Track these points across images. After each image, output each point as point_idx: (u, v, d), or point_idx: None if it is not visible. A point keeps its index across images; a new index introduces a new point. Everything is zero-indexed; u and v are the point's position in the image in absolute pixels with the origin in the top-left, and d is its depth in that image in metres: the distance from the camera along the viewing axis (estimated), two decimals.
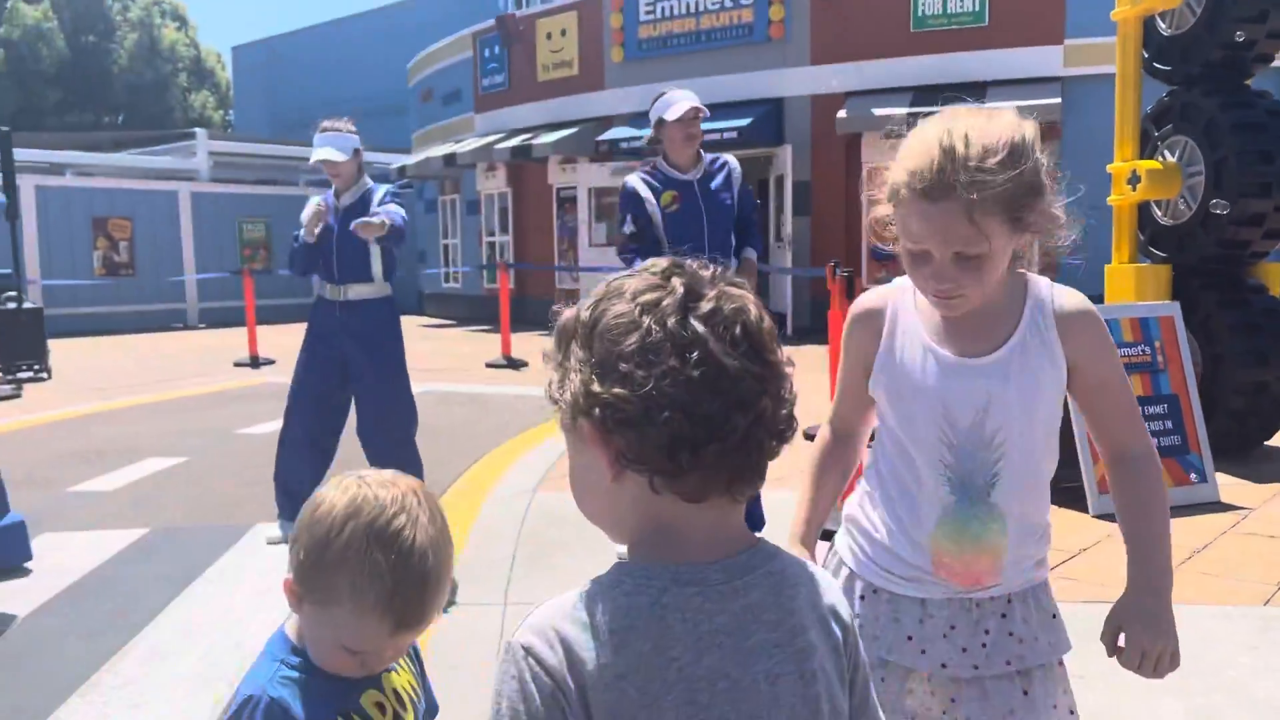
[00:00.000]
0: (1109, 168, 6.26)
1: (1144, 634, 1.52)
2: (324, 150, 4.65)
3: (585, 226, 17.35)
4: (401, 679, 1.41)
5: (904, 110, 14.07)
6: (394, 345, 4.95)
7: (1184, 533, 4.63)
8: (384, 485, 1.31)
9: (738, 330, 0.92)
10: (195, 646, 3.58)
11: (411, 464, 4.97)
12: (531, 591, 4.02)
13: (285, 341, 14.84)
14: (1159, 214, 6.31)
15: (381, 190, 4.89)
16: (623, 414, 0.90)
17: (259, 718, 1.25)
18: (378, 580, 1.23)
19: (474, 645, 3.53)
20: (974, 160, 1.43)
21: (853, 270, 5.04)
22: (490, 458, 6.72)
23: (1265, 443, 6.10)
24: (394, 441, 4.94)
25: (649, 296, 0.93)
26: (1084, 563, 4.25)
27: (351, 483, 1.31)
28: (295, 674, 1.30)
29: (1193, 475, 5.16)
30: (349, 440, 5.02)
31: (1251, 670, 3.17)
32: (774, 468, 1.01)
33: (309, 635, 1.32)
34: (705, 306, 0.92)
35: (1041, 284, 1.61)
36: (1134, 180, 6.06)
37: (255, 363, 12.68)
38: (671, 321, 0.91)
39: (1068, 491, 5.02)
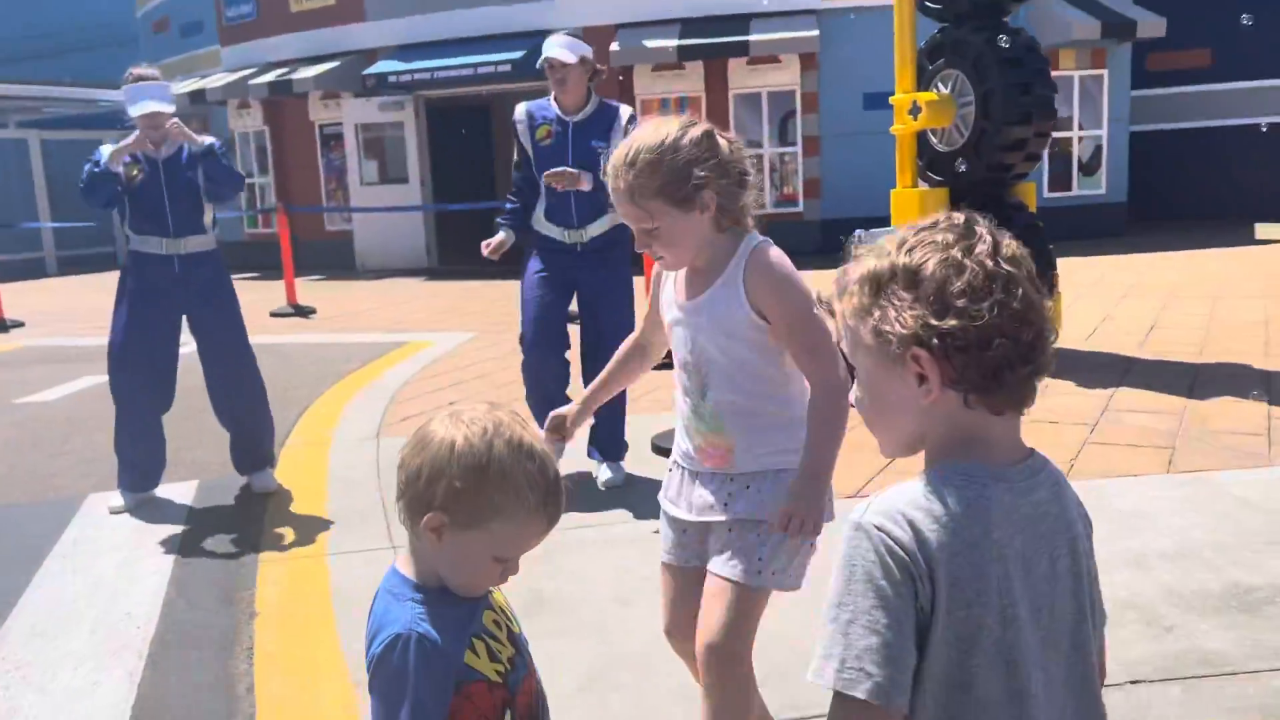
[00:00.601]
0: (891, 100, 6.81)
1: (792, 503, 1.98)
2: (149, 104, 4.40)
3: (355, 165, 16.77)
4: (499, 595, 1.54)
5: (673, 43, 14.45)
6: (234, 298, 4.80)
7: None
8: (489, 410, 1.44)
9: (1032, 269, 1.14)
10: (79, 623, 3.45)
11: (264, 421, 4.87)
12: None
13: (25, 302, 13.62)
14: (935, 141, 6.95)
15: (201, 141, 4.68)
16: (961, 342, 1.09)
17: (413, 652, 1.35)
18: (534, 487, 1.38)
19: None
20: (621, 163, 2.02)
21: None
22: (315, 409, 6.60)
23: None
24: (252, 397, 4.82)
25: (965, 244, 1.12)
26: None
27: (462, 414, 1.41)
28: (428, 609, 1.41)
29: None
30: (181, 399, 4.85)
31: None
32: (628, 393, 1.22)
33: (453, 560, 1.41)
34: (1006, 251, 1.13)
35: (750, 243, 2.08)
36: (914, 110, 6.63)
37: (4, 326, 11.59)
38: (989, 264, 1.11)
39: None
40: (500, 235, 4.67)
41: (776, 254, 2.09)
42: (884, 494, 1.15)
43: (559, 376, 4.79)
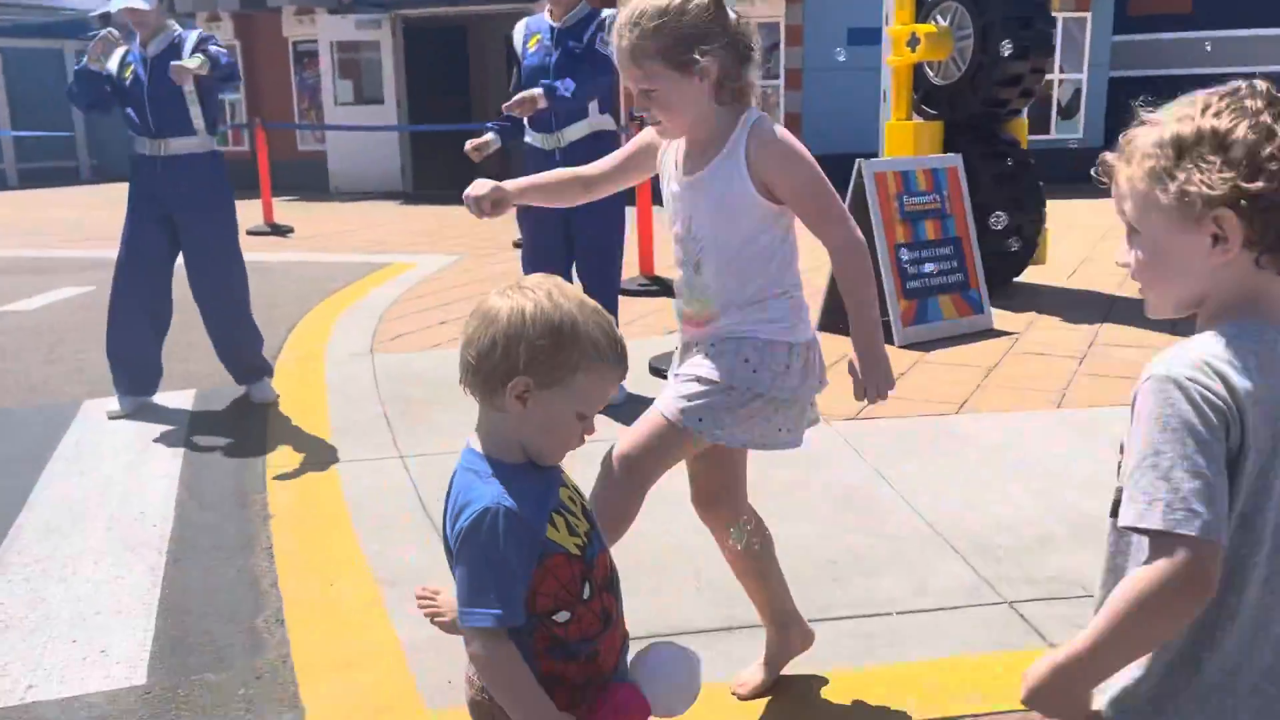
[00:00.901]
0: (888, 31, 6.79)
1: (863, 371, 2.08)
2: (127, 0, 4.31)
3: (330, 84, 16.43)
4: (567, 474, 1.58)
5: None
6: (225, 205, 4.74)
7: (977, 355, 5.38)
8: (544, 278, 1.48)
9: None
10: (93, 523, 3.46)
11: (250, 330, 4.85)
12: (424, 444, 4.13)
13: None
14: (931, 74, 6.95)
15: (193, 36, 4.59)
16: (1268, 203, 1.14)
17: (501, 524, 1.39)
18: (605, 338, 1.44)
19: (391, 497, 3.63)
20: (625, 23, 2.01)
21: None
22: (304, 326, 6.56)
23: (1015, 279, 7.03)
24: (234, 306, 4.79)
25: (1274, 110, 1.16)
26: (904, 385, 4.85)
27: (520, 284, 1.45)
28: (510, 484, 1.44)
29: (973, 307, 5.92)
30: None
31: (1066, 458, 3.85)
32: None
33: (540, 423, 1.44)
34: None
35: (751, 118, 2.07)
36: (913, 42, 6.62)
37: None
38: None
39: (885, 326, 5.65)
40: (487, 135, 4.59)
41: (775, 126, 2.09)
42: (1179, 350, 1.19)
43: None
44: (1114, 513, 1.25)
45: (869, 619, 2.72)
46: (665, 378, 2.30)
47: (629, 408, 4.56)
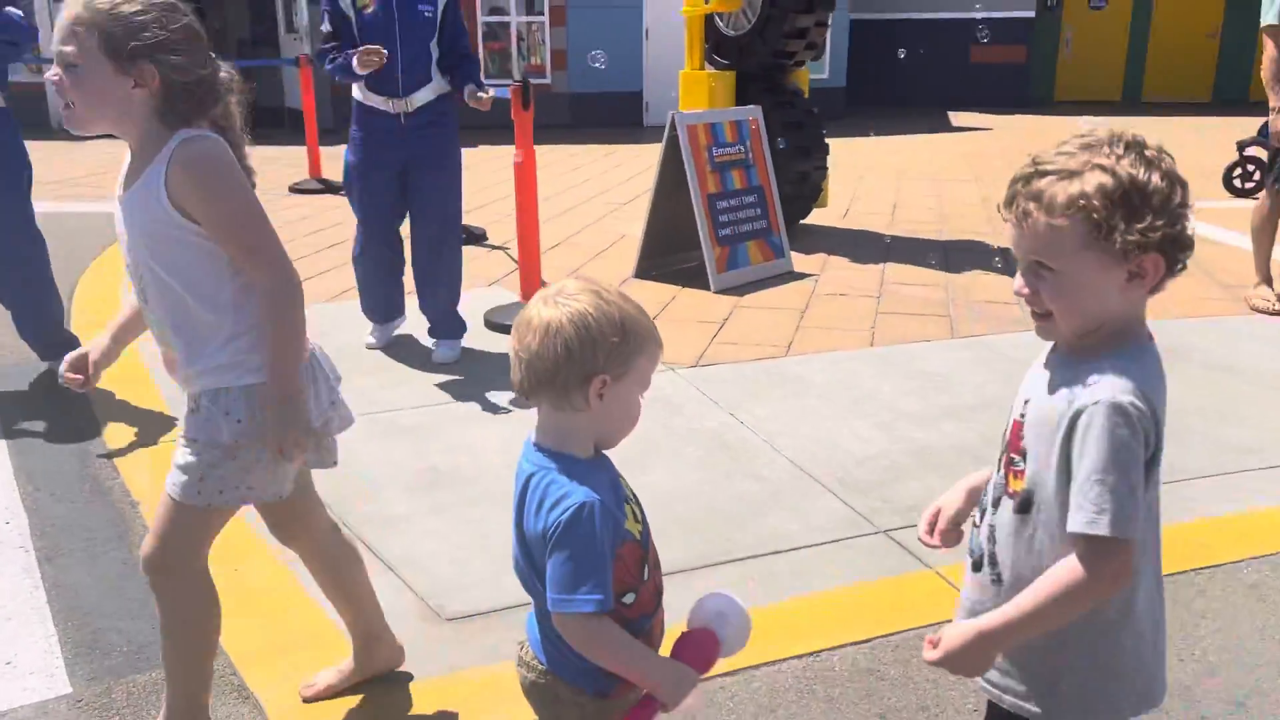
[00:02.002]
0: None
1: (270, 430, 1.96)
2: None
3: None
4: None
5: None
6: (13, 166, 4.33)
7: (786, 298, 5.77)
8: (570, 280, 1.58)
9: None
10: None
11: (55, 300, 4.54)
12: None
13: None
14: (722, 25, 7.23)
15: None
16: (1180, 243, 1.35)
17: (597, 517, 1.48)
18: (646, 320, 1.57)
19: None
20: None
21: None
22: (86, 291, 6.09)
23: (802, 220, 7.52)
24: (34, 274, 4.44)
25: (1161, 158, 1.34)
26: (731, 330, 5.17)
27: (559, 292, 1.54)
28: (592, 478, 1.53)
29: (776, 252, 6.32)
30: None
31: (892, 394, 4.28)
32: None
33: (616, 411, 1.54)
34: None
35: (182, 135, 1.91)
36: None
37: None
38: (1179, 176, 1.36)
39: (696, 272, 5.95)
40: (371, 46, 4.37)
41: (207, 148, 1.91)
42: (1113, 375, 1.36)
43: (393, 270, 4.82)
44: (1023, 509, 1.47)
45: (770, 558, 2.99)
46: (504, 332, 2.27)
47: (480, 367, 4.60)
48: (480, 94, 4.51)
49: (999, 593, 1.49)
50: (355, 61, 4.33)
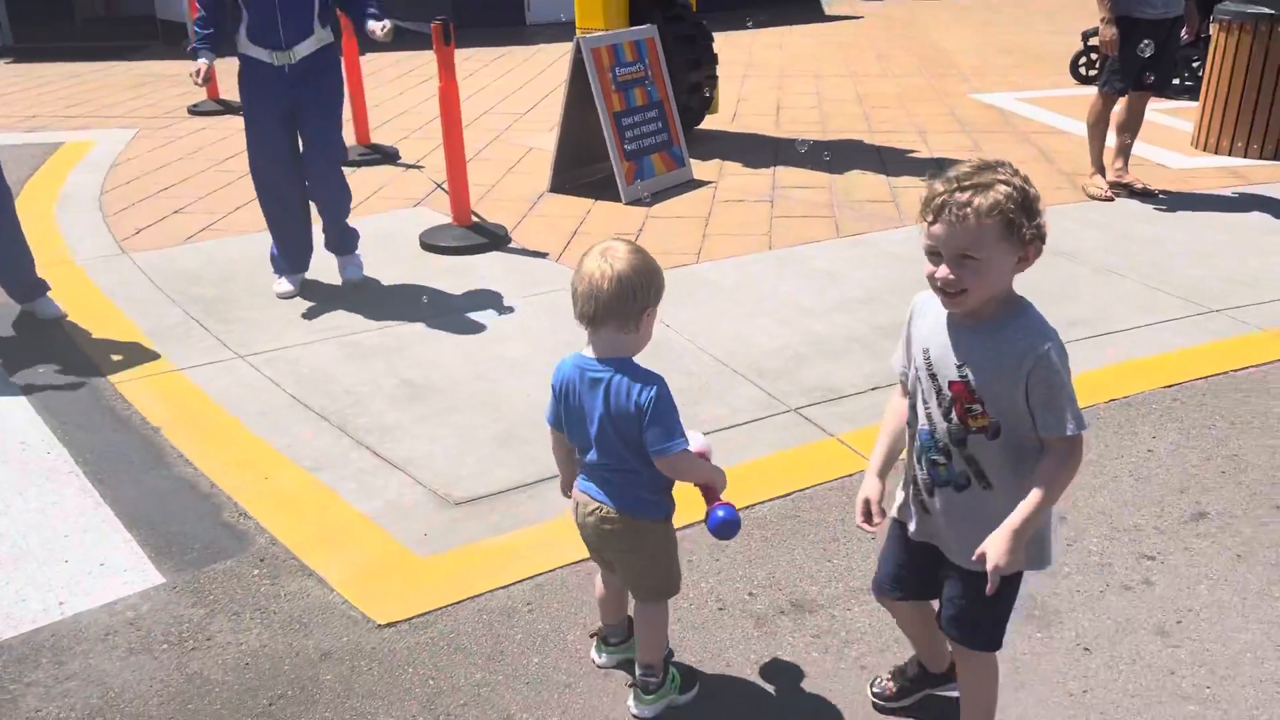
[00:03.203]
0: None
1: None
2: None
3: None
4: None
5: None
6: None
7: (690, 207, 6.41)
8: (611, 239, 2.23)
9: None
10: None
11: (22, 242, 4.86)
12: (255, 343, 4.50)
13: None
14: None
15: None
16: (1044, 237, 1.89)
17: (668, 391, 2.17)
18: (659, 265, 2.25)
19: (257, 395, 4.06)
20: None
21: None
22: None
23: (696, 128, 8.10)
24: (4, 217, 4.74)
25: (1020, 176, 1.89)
26: (646, 240, 5.79)
27: (607, 248, 2.16)
28: (647, 371, 2.22)
29: (677, 162, 6.91)
30: None
31: (791, 292, 5.00)
32: None
33: (649, 332, 2.20)
34: None
35: None
36: None
37: None
38: None
39: (603, 184, 6.52)
40: (201, 61, 4.70)
41: None
42: (1038, 325, 1.92)
43: (299, 215, 5.13)
44: (994, 435, 1.95)
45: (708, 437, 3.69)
46: (442, 253, 2.54)
47: (412, 288, 5.09)
48: (380, 24, 4.76)
49: (994, 493, 1.99)
50: (199, 72, 4.68)
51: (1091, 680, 2.55)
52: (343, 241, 5.28)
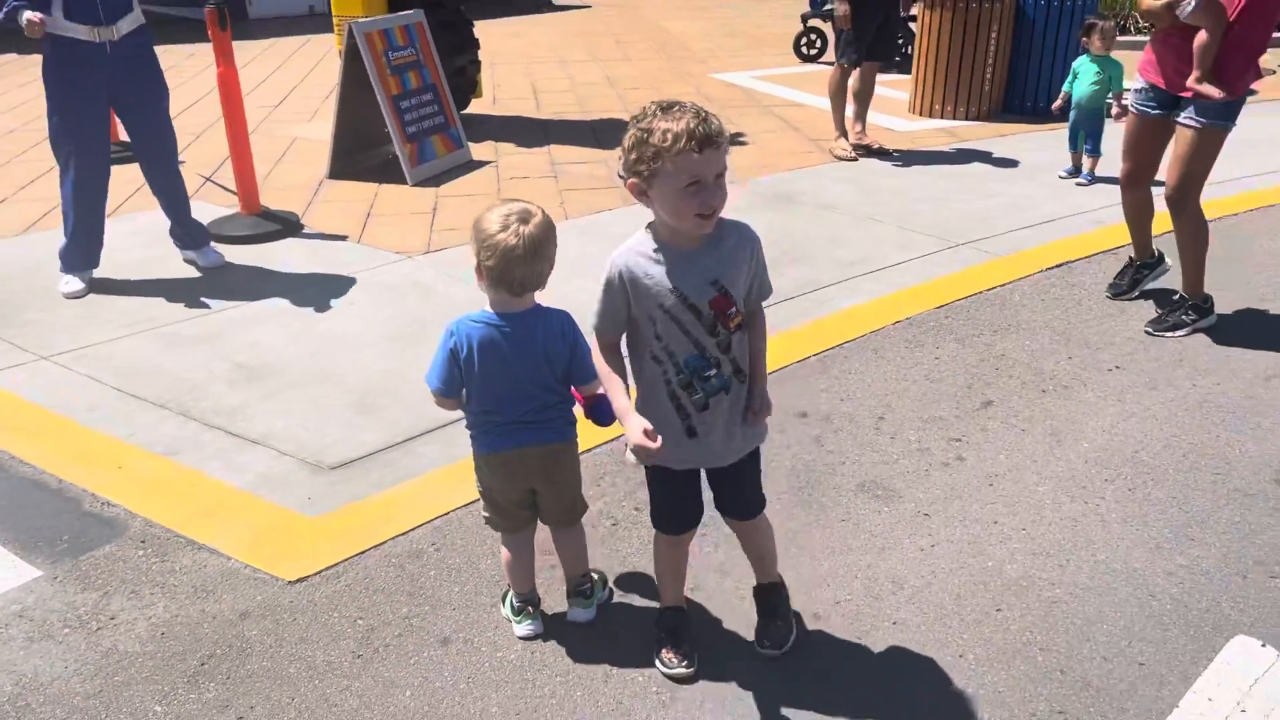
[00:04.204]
0: None
1: None
2: None
3: None
4: None
5: None
6: None
7: (479, 185, 6.56)
8: (511, 200, 2.42)
9: None
10: None
11: None
12: (57, 344, 4.28)
13: None
14: None
15: None
16: None
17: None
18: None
19: (79, 392, 3.89)
20: None
21: None
22: None
23: (464, 110, 8.21)
24: None
25: None
26: (443, 217, 5.90)
27: (524, 210, 2.35)
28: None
29: (455, 143, 7.03)
30: None
31: (597, 255, 5.27)
32: None
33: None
34: None
35: None
36: None
37: None
38: None
39: (383, 168, 6.55)
40: (28, 14, 4.38)
41: None
42: (744, 226, 2.23)
43: (103, 207, 4.93)
44: (740, 326, 2.37)
45: None
46: (237, 243, 2.52)
47: (210, 276, 5.00)
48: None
49: (744, 382, 2.29)
50: (40, 22, 4.36)
51: (936, 536, 3.02)
52: (200, 233, 5.17)
